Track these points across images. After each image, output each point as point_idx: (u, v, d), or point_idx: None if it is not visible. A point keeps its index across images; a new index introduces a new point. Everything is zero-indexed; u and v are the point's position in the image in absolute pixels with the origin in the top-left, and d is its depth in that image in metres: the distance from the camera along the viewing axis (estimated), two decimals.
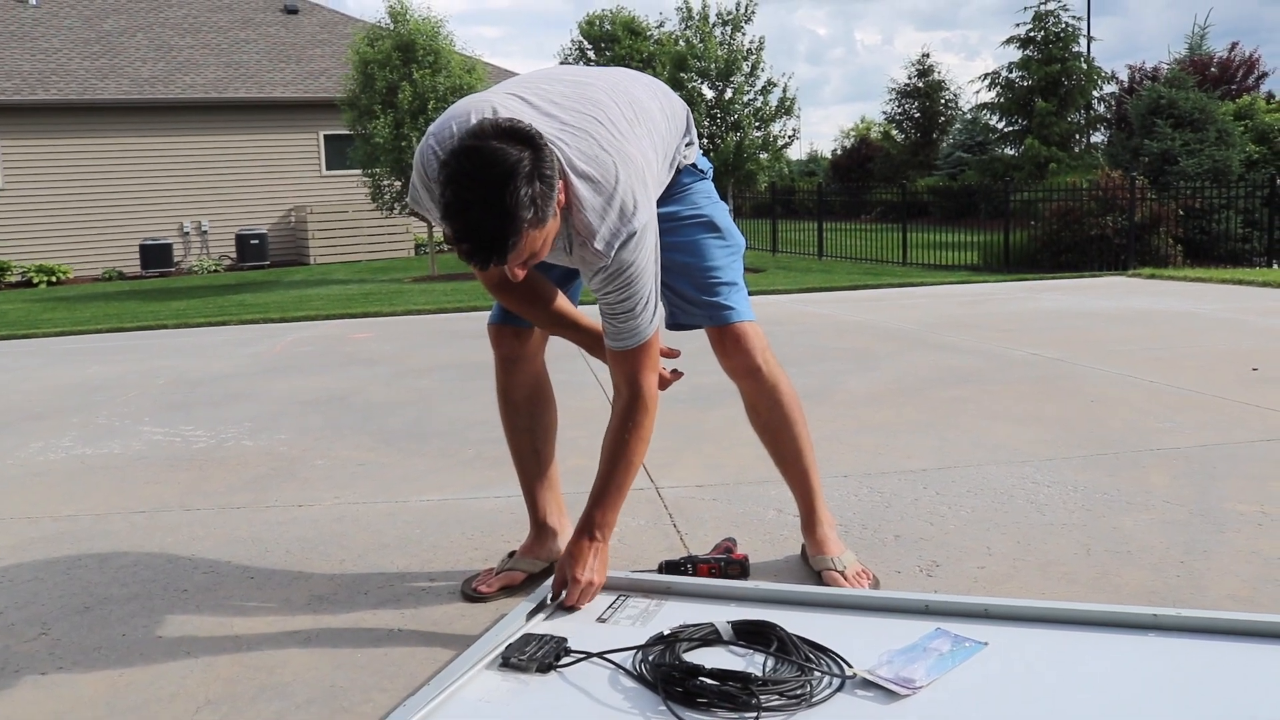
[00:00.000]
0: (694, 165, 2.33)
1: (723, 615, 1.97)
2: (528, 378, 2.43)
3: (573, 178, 1.92)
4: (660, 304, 2.09)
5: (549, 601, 2.09)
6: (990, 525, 2.74)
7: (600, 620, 2.04)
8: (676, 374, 2.35)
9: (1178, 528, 2.66)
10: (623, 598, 2.13)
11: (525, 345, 2.39)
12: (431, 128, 1.99)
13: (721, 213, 2.34)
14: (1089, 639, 1.87)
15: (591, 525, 2.11)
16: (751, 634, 1.89)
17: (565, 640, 1.90)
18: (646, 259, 1.99)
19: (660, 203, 2.17)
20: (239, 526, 2.99)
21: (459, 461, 3.67)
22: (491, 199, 1.75)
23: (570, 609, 2.07)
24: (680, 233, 2.26)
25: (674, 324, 2.36)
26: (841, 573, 2.32)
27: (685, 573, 2.32)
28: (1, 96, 18.22)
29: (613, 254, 1.94)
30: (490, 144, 1.78)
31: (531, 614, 2.03)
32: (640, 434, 2.11)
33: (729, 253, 2.33)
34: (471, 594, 2.36)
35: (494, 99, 1.98)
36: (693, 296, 2.28)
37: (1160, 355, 5.36)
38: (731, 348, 2.30)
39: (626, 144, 1.99)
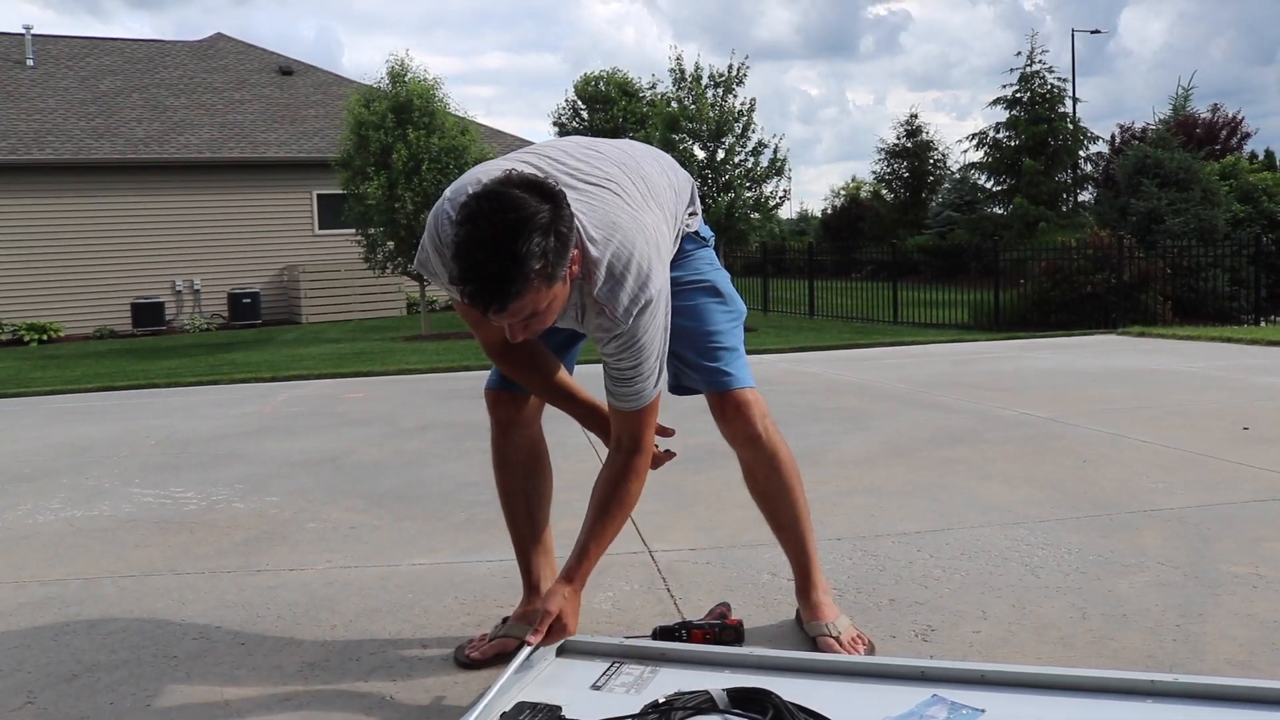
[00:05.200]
0: (697, 233, 2.35)
1: (718, 682, 1.95)
2: (524, 442, 2.42)
3: (588, 245, 1.93)
4: (665, 367, 2.10)
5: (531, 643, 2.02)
6: (985, 588, 2.73)
7: (594, 688, 2.02)
8: (670, 454, 2.36)
9: (1173, 590, 2.66)
10: (617, 665, 2.11)
11: (522, 410, 2.39)
12: (447, 191, 2.01)
13: (723, 279, 2.36)
14: (1087, 706, 1.86)
15: (586, 572, 2.08)
16: (747, 702, 1.87)
17: (559, 709, 1.88)
18: (658, 327, 2.01)
19: None
20: (229, 591, 2.96)
21: (451, 524, 3.66)
22: (503, 243, 1.74)
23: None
24: (682, 297, 2.27)
25: (675, 386, 2.36)
26: (837, 638, 2.31)
27: (680, 639, 2.30)
28: None
29: (630, 321, 1.95)
30: (513, 191, 1.79)
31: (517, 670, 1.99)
32: (639, 481, 2.13)
33: (730, 318, 2.34)
34: (464, 661, 2.34)
35: (509, 164, 2.00)
36: (693, 361, 2.29)
37: (1151, 414, 5.37)
38: (732, 414, 2.31)
39: (641, 214, 2.02)
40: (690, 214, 2.32)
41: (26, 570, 3.27)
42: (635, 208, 2.02)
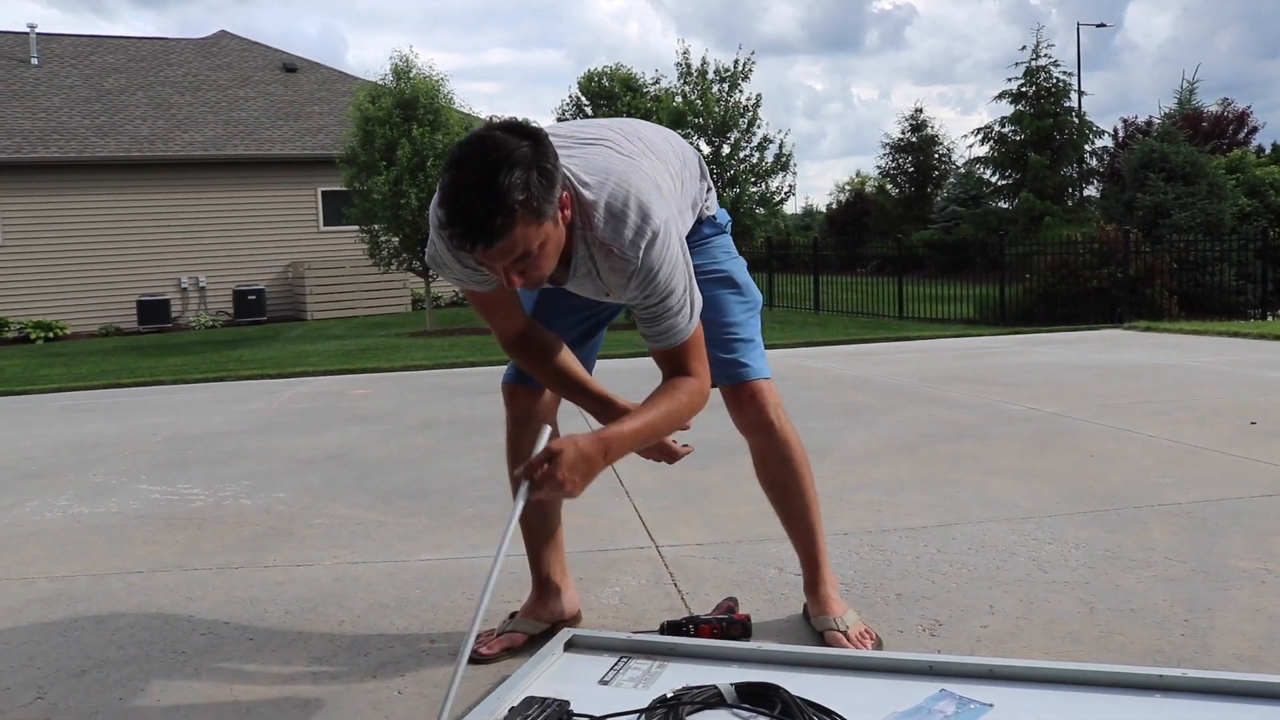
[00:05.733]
0: (714, 217, 2.35)
1: (726, 677, 1.95)
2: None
3: (581, 190, 1.93)
4: (699, 302, 2.06)
5: (519, 474, 1.92)
6: (992, 583, 2.73)
7: (603, 683, 2.02)
8: (687, 447, 2.36)
9: (1181, 585, 2.65)
10: (625, 659, 2.11)
11: (538, 404, 2.38)
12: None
13: (740, 269, 2.36)
14: (1094, 700, 1.86)
15: (613, 442, 1.93)
16: (755, 696, 1.88)
17: (568, 703, 1.88)
18: (675, 257, 1.97)
19: None
20: (237, 587, 2.97)
21: (458, 520, 3.66)
22: (484, 180, 1.76)
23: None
24: (700, 288, 2.26)
25: None
26: (844, 633, 2.31)
27: (687, 633, 2.31)
28: (2, 155, 18.35)
29: (640, 256, 1.93)
30: (494, 133, 1.81)
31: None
32: (689, 396, 2.05)
33: (747, 309, 2.34)
34: (472, 656, 2.34)
35: None
36: (710, 354, 2.28)
37: (1158, 409, 5.37)
38: (748, 404, 2.31)
39: (634, 159, 2.02)
40: (707, 190, 2.32)
41: (35, 567, 3.28)
42: (629, 156, 2.03)
